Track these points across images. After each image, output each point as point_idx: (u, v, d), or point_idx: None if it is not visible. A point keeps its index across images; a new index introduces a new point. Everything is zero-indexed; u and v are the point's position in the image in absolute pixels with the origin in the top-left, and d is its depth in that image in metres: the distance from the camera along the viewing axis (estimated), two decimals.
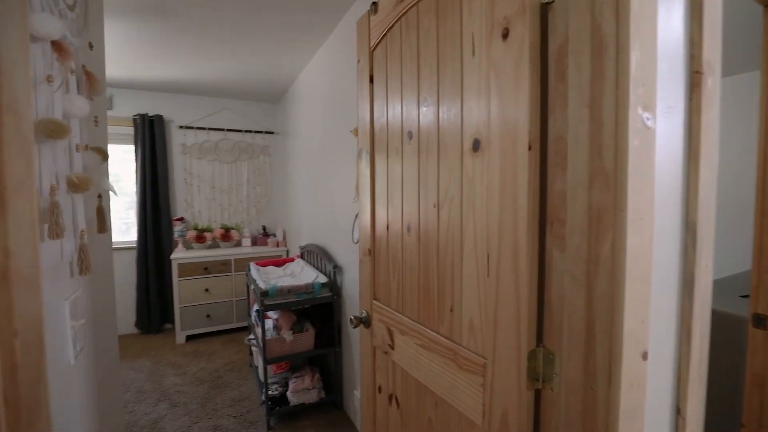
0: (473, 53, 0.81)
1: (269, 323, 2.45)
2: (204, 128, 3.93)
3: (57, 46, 0.61)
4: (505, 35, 0.72)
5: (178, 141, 3.88)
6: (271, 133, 4.23)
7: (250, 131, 4.12)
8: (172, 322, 3.65)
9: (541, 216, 0.69)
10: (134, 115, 3.67)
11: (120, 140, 3.71)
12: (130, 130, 3.69)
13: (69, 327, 0.71)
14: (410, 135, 1.07)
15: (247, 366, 3.10)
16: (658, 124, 0.60)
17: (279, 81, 3.47)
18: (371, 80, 1.25)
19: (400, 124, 1.11)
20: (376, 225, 1.28)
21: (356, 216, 1.57)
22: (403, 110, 1.10)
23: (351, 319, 1.32)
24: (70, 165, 0.72)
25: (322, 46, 2.69)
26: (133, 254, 3.76)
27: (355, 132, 1.44)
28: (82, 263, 0.71)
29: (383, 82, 1.19)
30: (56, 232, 0.59)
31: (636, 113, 0.57)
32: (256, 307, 2.53)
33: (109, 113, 3.62)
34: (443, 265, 0.93)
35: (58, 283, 0.70)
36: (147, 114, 3.67)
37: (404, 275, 1.11)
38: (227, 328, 3.78)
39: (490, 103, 0.76)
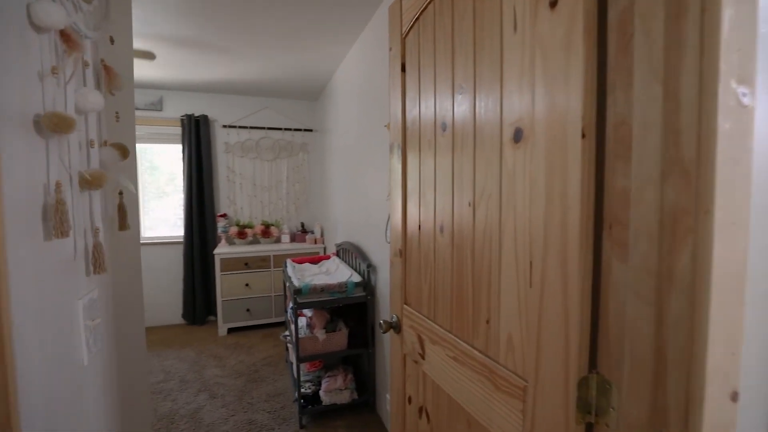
0: (515, 29, 0.71)
1: (303, 321, 2.44)
2: (246, 127, 4.03)
3: (65, 37, 0.59)
4: (554, 3, 0.61)
5: (221, 140, 4.01)
6: (310, 130, 4.26)
7: (289, 129, 4.17)
8: (215, 314, 3.78)
9: (597, 217, 0.58)
10: (182, 116, 3.82)
11: (169, 140, 3.89)
12: (179, 130, 3.85)
13: (82, 327, 0.70)
14: (444, 126, 0.98)
15: (283, 361, 3.13)
16: (759, 102, 0.47)
17: (317, 78, 3.47)
18: (403, 69, 1.17)
19: (433, 114, 1.02)
20: (407, 224, 1.20)
21: (389, 215, 1.50)
22: (436, 100, 1.00)
23: (380, 323, 1.25)
24: (87, 161, 0.71)
25: (357, 41, 2.64)
26: (182, 248, 3.93)
27: (389, 126, 1.37)
28: (96, 262, 0.70)
29: (415, 71, 1.10)
30: (61, 231, 0.57)
31: (728, 88, 0.44)
32: (291, 304, 2.54)
33: (159, 114, 3.80)
34: (479, 271, 0.83)
35: (68, 282, 0.69)
36: (193, 114, 3.82)
37: (436, 280, 1.02)
38: (266, 323, 3.86)
39: (534, 85, 0.66)
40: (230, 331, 3.78)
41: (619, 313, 0.55)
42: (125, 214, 0.84)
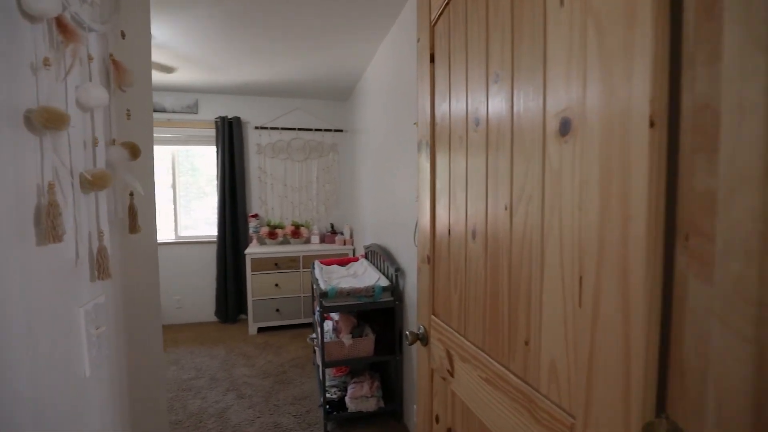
0: (561, 1, 0.60)
1: (329, 325, 2.39)
2: (277, 128, 4.06)
3: (62, 27, 0.55)
4: None
5: (254, 141, 4.06)
6: (340, 131, 4.23)
7: (320, 130, 4.17)
8: (246, 313, 3.83)
9: (668, 226, 0.47)
10: (216, 118, 3.90)
11: (205, 142, 3.99)
12: (213, 132, 3.94)
13: (84, 336, 0.66)
14: (477, 121, 0.88)
15: (310, 363, 3.11)
16: None
17: (346, 78, 3.44)
18: (432, 60, 1.08)
19: (464, 108, 0.93)
20: (436, 228, 1.11)
21: (417, 218, 1.41)
22: (468, 91, 0.91)
23: (406, 334, 1.16)
24: (93, 161, 0.68)
25: (386, 37, 2.56)
26: (215, 247, 4.02)
27: (418, 124, 1.28)
28: (100, 267, 0.66)
29: (445, 61, 1.01)
30: (53, 235, 0.53)
31: None
32: (318, 307, 2.50)
33: (195, 117, 3.90)
34: (517, 284, 0.73)
35: (67, 289, 0.65)
36: (227, 116, 3.89)
37: (467, 291, 0.92)
38: (295, 323, 3.87)
39: (586, 66, 0.55)
40: (260, 330, 3.81)
41: (700, 347, 0.44)
42: (136, 216, 0.81)
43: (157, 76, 3.31)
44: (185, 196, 4.17)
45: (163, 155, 4.00)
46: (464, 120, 0.93)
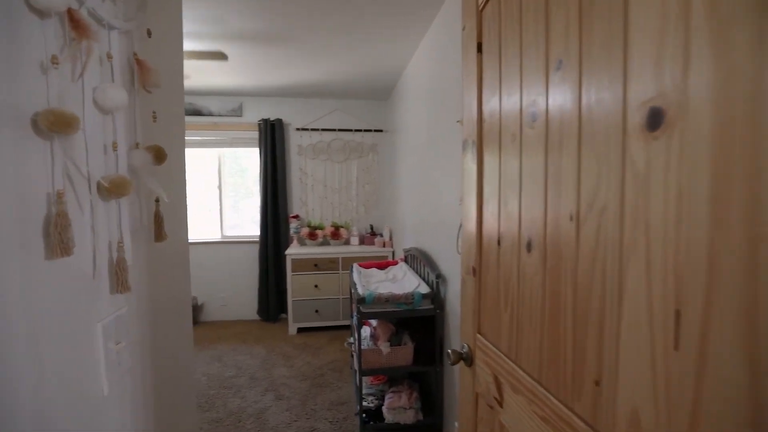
0: None
1: (366, 331, 2.33)
2: (317, 129, 4.08)
3: (75, 23, 0.51)
4: None
5: (295, 142, 4.11)
6: (380, 131, 4.17)
7: (360, 130, 4.14)
8: (287, 313, 3.87)
9: None
10: (259, 120, 3.98)
11: (249, 144, 4.08)
12: (257, 134, 4.02)
13: (102, 353, 0.63)
14: (533, 116, 0.76)
15: (347, 367, 3.07)
16: None
17: (386, 76, 3.38)
18: (479, 49, 0.97)
19: (518, 101, 0.81)
20: (483, 237, 0.99)
21: (461, 222, 1.30)
22: (522, 81, 0.79)
23: (448, 353, 1.06)
24: (116, 166, 0.64)
25: (427, 33, 2.46)
26: (257, 247, 4.10)
27: (462, 122, 1.18)
28: (119, 280, 0.63)
29: (495, 48, 0.89)
30: (61, 249, 0.49)
31: None
32: (355, 312, 2.45)
33: (239, 119, 4.01)
34: (584, 310, 0.61)
35: (83, 304, 0.62)
36: (269, 118, 3.95)
37: (520, 311, 0.81)
38: (333, 325, 3.85)
39: (687, 41, 0.43)
40: (299, 330, 3.84)
41: None
42: (162, 223, 0.78)
43: (204, 81, 3.42)
44: (234, 196, 4.31)
45: (210, 157, 4.15)
46: (518, 115, 0.81)
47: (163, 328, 0.87)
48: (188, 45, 2.59)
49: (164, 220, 0.79)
